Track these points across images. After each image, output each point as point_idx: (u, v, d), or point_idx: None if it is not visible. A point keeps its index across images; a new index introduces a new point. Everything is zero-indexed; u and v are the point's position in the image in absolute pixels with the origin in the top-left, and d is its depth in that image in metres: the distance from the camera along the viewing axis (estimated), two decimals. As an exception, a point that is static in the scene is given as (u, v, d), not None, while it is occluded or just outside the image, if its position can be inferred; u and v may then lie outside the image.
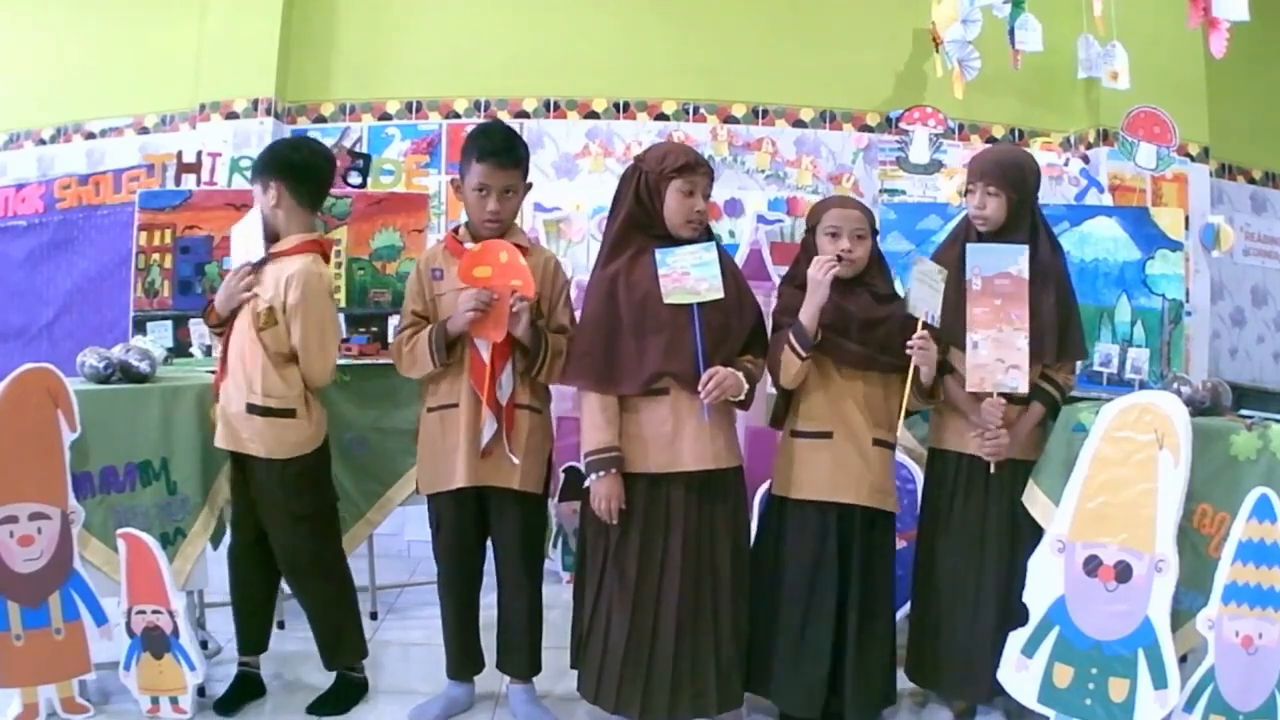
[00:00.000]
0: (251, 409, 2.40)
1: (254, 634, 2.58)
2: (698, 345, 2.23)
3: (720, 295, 2.24)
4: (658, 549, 2.28)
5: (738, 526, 2.37)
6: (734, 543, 2.35)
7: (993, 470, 2.37)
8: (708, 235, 2.36)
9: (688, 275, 2.24)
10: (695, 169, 2.31)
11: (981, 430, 2.35)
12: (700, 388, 2.22)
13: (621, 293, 2.28)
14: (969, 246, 2.38)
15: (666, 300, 2.24)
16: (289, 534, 2.48)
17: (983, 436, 2.35)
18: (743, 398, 2.30)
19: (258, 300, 2.41)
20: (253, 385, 2.40)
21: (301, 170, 2.47)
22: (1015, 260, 2.35)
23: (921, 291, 2.30)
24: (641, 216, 2.33)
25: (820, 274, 2.27)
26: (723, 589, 2.31)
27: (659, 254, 2.25)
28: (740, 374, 2.27)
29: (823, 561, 2.35)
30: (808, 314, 2.28)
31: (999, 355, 2.33)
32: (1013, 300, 2.34)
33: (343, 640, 2.58)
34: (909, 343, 2.27)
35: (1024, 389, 2.33)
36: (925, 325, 2.28)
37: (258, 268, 2.43)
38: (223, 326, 2.50)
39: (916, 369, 2.28)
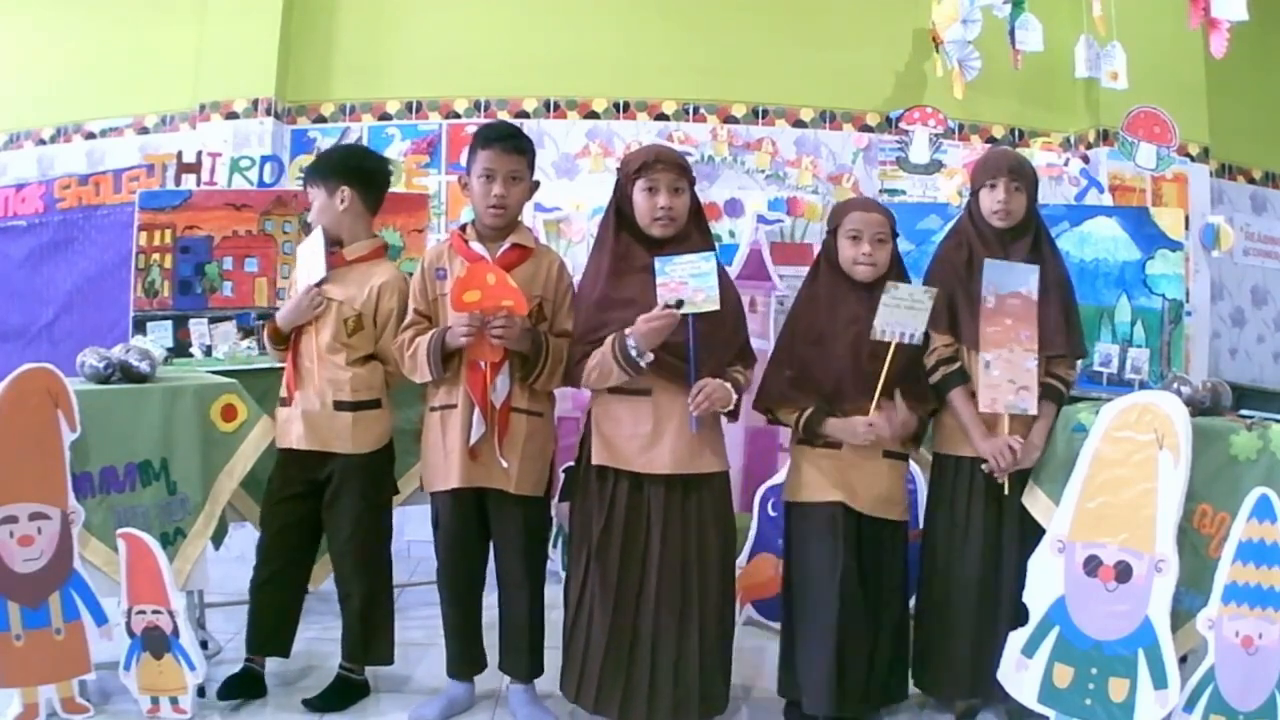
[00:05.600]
0: (340, 405, 2.49)
1: (266, 632, 2.58)
2: (690, 356, 2.22)
3: (716, 307, 2.21)
4: (639, 549, 2.28)
5: (725, 532, 2.36)
6: (721, 548, 2.34)
7: (1007, 491, 2.37)
8: (706, 241, 2.35)
9: (685, 285, 2.21)
10: (653, 166, 2.29)
11: (993, 457, 2.33)
12: (690, 400, 2.22)
13: (610, 295, 2.28)
14: (989, 263, 2.37)
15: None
16: (360, 525, 2.54)
17: (995, 460, 2.33)
18: (731, 408, 2.30)
19: (344, 306, 2.50)
20: (340, 386, 2.49)
21: (373, 176, 2.63)
22: (1027, 280, 2.36)
23: (896, 315, 2.29)
24: (622, 222, 2.35)
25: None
26: (710, 594, 2.30)
27: (658, 262, 2.23)
28: (729, 385, 2.27)
29: (833, 555, 2.31)
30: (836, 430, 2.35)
31: (1010, 376, 2.33)
32: (1022, 320, 2.35)
33: (380, 638, 2.60)
34: (863, 433, 2.30)
35: (1034, 410, 2.34)
36: (895, 352, 2.28)
37: (321, 281, 2.50)
38: (285, 342, 2.55)
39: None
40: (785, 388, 2.40)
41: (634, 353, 2.20)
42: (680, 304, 2.19)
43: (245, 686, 2.54)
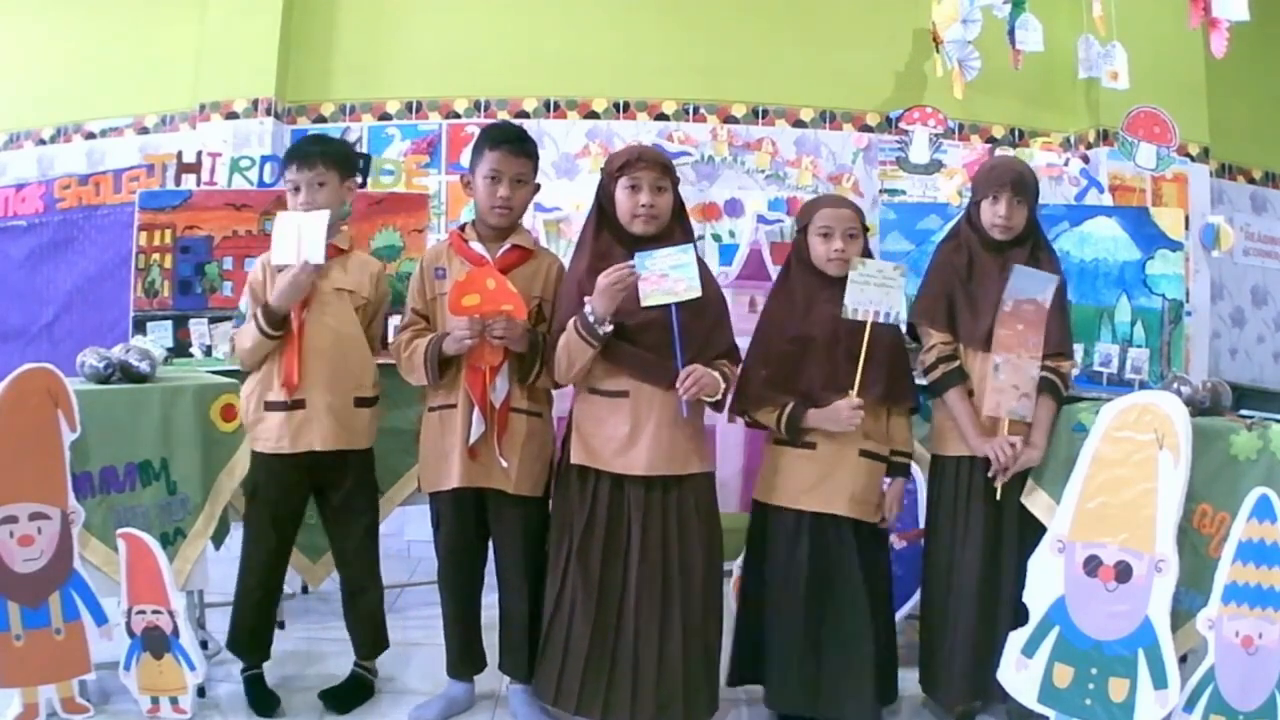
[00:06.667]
0: (360, 402, 2.47)
1: (266, 639, 2.58)
2: (676, 345, 2.22)
3: (698, 294, 2.20)
4: (620, 548, 2.28)
5: (710, 532, 2.35)
6: (706, 548, 2.33)
7: (999, 496, 2.37)
8: (686, 237, 2.34)
9: (666, 277, 2.20)
10: (634, 165, 2.30)
11: (994, 455, 2.34)
12: (679, 384, 2.22)
13: (587, 295, 2.27)
14: (1017, 268, 2.36)
15: (645, 303, 2.21)
16: (371, 521, 2.56)
17: (996, 457, 2.34)
18: (719, 398, 2.30)
19: (354, 295, 2.48)
20: (360, 380, 2.47)
21: (358, 167, 2.62)
22: (1045, 289, 2.36)
23: (867, 292, 2.28)
24: (604, 221, 2.36)
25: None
26: (693, 594, 2.29)
27: (638, 257, 2.22)
28: (717, 374, 2.27)
29: (792, 564, 2.34)
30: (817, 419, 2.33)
31: (1015, 381, 2.34)
32: (1032, 327, 2.35)
33: (384, 629, 2.62)
34: (846, 416, 2.28)
35: (1031, 418, 2.35)
36: (871, 332, 2.28)
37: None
38: (282, 327, 2.41)
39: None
40: (761, 388, 2.39)
41: (591, 318, 2.20)
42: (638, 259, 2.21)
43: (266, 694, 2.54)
